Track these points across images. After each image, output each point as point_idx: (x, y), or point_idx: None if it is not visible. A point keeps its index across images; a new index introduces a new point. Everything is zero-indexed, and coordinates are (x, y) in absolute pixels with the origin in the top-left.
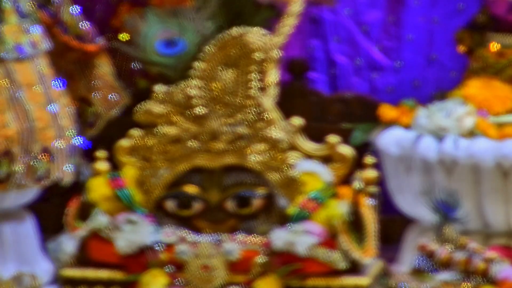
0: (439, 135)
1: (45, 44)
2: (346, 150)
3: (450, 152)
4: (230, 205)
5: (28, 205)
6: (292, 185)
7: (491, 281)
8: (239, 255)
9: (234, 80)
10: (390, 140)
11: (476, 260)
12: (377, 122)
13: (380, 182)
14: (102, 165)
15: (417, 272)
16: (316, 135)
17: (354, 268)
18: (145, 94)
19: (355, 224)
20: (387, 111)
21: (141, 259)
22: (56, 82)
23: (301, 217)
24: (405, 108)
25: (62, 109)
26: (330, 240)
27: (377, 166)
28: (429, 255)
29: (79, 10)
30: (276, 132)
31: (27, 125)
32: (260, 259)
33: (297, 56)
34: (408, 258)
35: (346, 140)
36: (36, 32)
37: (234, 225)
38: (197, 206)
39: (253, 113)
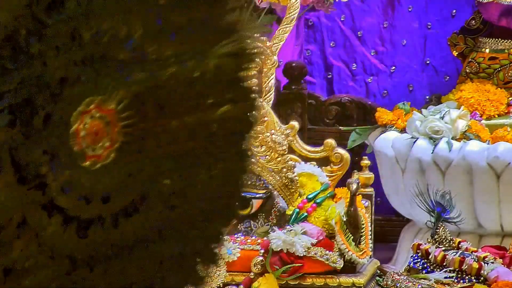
0: (433, 138)
1: None
2: (343, 152)
3: (444, 154)
4: None
5: None
6: (290, 187)
7: (483, 281)
8: (239, 255)
9: None
10: (385, 142)
11: (470, 260)
12: (373, 125)
13: (376, 183)
14: None
15: (412, 272)
16: (314, 137)
17: (351, 267)
18: None
19: (352, 225)
20: (383, 114)
21: None
22: None
23: (299, 218)
24: (400, 111)
25: None
26: (327, 241)
27: (373, 167)
28: (424, 254)
29: None
30: (275, 135)
31: None
32: (259, 259)
33: (295, 61)
34: (403, 258)
35: (343, 142)
36: None
37: (234, 226)
38: None
39: None
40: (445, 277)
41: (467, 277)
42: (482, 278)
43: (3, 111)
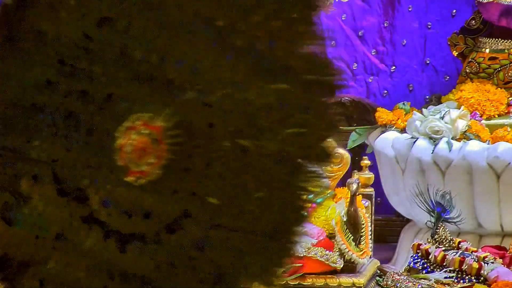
0: (433, 138)
1: None
2: (344, 152)
3: (444, 154)
4: None
5: None
6: None
7: (483, 281)
8: None
9: None
10: (385, 142)
11: (470, 260)
12: (373, 125)
13: (376, 183)
14: None
15: (412, 272)
16: None
17: (351, 267)
18: None
19: (352, 225)
20: (383, 114)
21: None
22: None
23: None
24: (400, 111)
25: None
26: (327, 241)
27: (373, 167)
28: (424, 254)
29: None
30: None
31: None
32: None
33: None
34: (403, 258)
35: (343, 142)
36: None
37: None
38: None
39: None
40: (445, 277)
41: (467, 277)
42: (482, 278)
43: (44, 123)
